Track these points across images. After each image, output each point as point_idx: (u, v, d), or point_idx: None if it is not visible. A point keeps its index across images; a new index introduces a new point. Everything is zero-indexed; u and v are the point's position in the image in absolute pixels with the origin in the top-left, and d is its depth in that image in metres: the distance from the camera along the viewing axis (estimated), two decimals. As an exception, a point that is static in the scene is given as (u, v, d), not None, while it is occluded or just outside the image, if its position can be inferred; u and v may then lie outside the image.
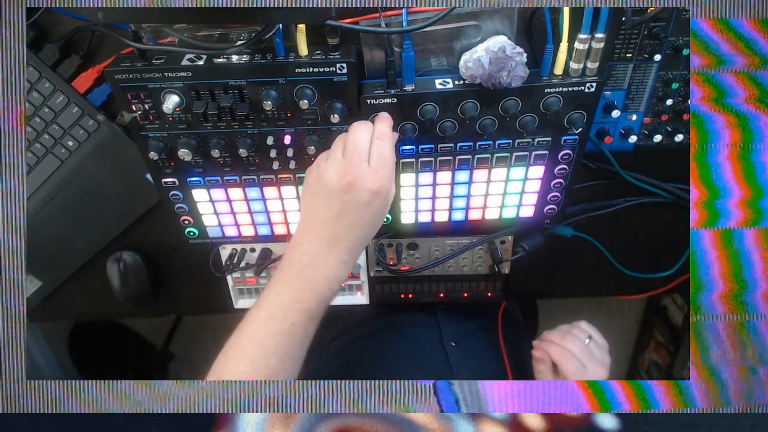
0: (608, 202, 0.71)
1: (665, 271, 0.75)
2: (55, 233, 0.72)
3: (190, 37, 0.50)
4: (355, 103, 0.53)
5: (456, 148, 0.57)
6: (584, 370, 0.62)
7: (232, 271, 0.74)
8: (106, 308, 0.83)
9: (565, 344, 0.64)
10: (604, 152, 0.64)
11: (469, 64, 0.51)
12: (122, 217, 0.72)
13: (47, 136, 0.64)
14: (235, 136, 0.56)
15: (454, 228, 0.67)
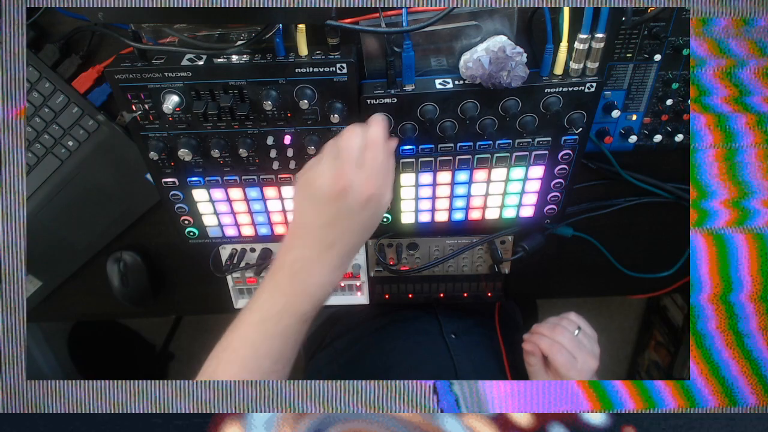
0: (608, 202, 0.71)
1: (665, 271, 0.75)
2: (55, 233, 0.72)
3: (190, 37, 0.50)
4: (355, 103, 0.53)
5: (456, 148, 0.57)
6: (574, 361, 0.63)
7: (232, 271, 0.74)
8: (106, 308, 0.83)
9: (554, 336, 0.64)
10: (604, 152, 0.64)
11: (469, 64, 0.51)
12: (122, 217, 0.72)
13: (47, 136, 0.64)
14: (235, 136, 0.56)
15: (454, 228, 0.67)
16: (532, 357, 0.66)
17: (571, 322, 0.67)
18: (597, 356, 0.65)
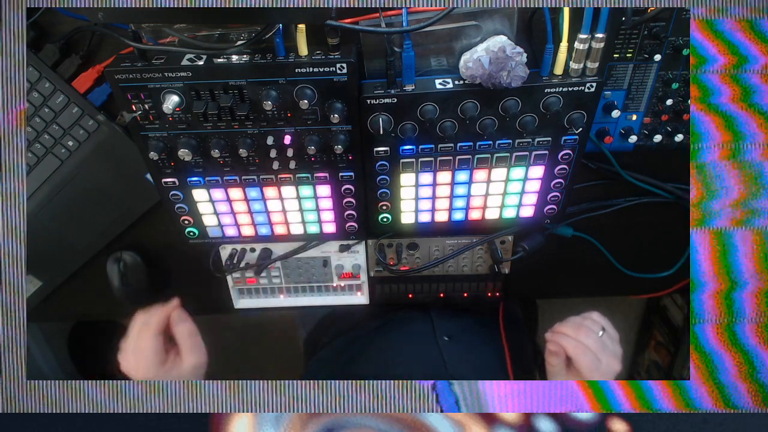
0: (608, 202, 0.71)
1: (665, 271, 0.75)
2: (55, 233, 0.72)
3: (190, 37, 0.50)
4: (355, 103, 0.53)
5: (456, 148, 0.57)
6: (599, 363, 0.61)
7: (232, 271, 0.74)
8: (106, 308, 0.83)
9: (579, 337, 0.63)
10: (604, 152, 0.64)
11: (469, 64, 0.51)
12: (122, 217, 0.72)
13: (47, 136, 0.64)
14: (235, 136, 0.56)
15: (454, 228, 0.67)
16: (555, 357, 0.64)
17: (595, 323, 0.65)
18: (620, 358, 0.64)
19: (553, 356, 0.65)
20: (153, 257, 0.77)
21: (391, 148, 0.57)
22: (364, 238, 0.72)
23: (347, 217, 0.65)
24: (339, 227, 0.66)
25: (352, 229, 0.66)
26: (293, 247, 0.73)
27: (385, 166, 0.59)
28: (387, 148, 0.57)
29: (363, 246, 0.74)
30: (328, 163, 0.59)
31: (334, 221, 0.65)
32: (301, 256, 0.74)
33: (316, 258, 0.75)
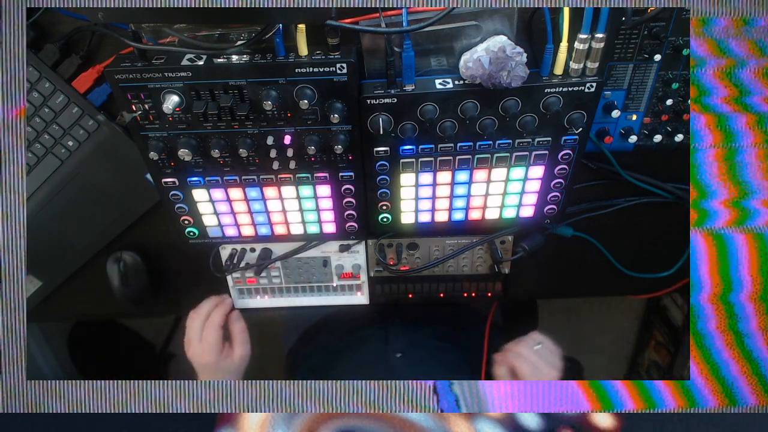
0: (608, 202, 0.71)
1: (665, 271, 0.75)
2: (55, 233, 0.72)
3: (190, 37, 0.50)
4: (355, 103, 0.53)
5: (456, 148, 0.57)
6: (536, 370, 0.69)
7: (232, 271, 0.74)
8: (106, 308, 0.83)
9: (518, 349, 0.71)
10: (604, 152, 0.64)
11: (469, 64, 0.51)
12: (122, 217, 0.72)
13: (47, 136, 0.64)
14: (235, 136, 0.56)
15: (454, 228, 0.67)
16: (501, 368, 0.72)
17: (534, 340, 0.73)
18: (558, 369, 0.70)
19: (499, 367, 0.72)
20: (153, 257, 0.77)
21: (391, 148, 0.57)
22: (364, 238, 0.72)
23: (347, 217, 0.65)
24: (339, 227, 0.66)
25: (352, 229, 0.66)
26: (293, 247, 0.73)
27: (385, 166, 0.59)
28: (387, 148, 0.57)
29: (363, 246, 0.74)
30: (328, 163, 0.59)
31: (334, 221, 0.65)
32: (301, 256, 0.74)
33: (316, 258, 0.75)
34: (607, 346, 1.55)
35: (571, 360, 1.07)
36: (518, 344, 0.72)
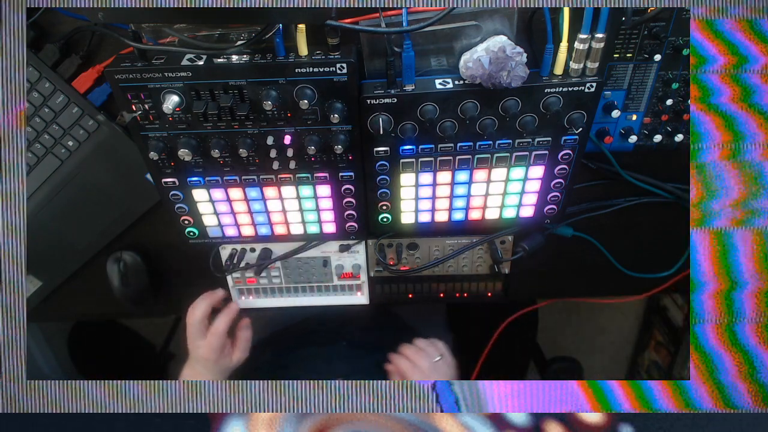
0: (608, 202, 0.71)
1: (665, 271, 0.75)
2: (55, 233, 0.72)
3: (190, 37, 0.50)
4: (355, 103, 0.53)
5: (456, 148, 0.57)
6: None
7: (232, 271, 0.74)
8: (106, 308, 0.83)
9: (416, 361, 0.73)
10: (604, 152, 0.64)
11: (469, 64, 0.51)
12: (122, 217, 0.72)
13: (47, 136, 0.64)
14: (235, 136, 0.56)
15: (454, 228, 0.67)
16: (394, 376, 0.74)
17: (436, 350, 0.75)
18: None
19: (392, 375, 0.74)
20: (153, 257, 0.77)
21: (391, 148, 0.57)
22: (364, 238, 0.72)
23: (347, 217, 0.65)
24: (339, 227, 0.66)
25: (352, 229, 0.66)
26: (293, 247, 0.73)
27: (385, 166, 0.59)
28: (387, 148, 0.57)
29: (363, 246, 0.74)
30: (328, 163, 0.59)
31: (334, 221, 0.65)
32: (301, 256, 0.74)
33: (316, 258, 0.75)
34: (607, 346, 1.56)
35: (572, 360, 1.07)
36: (416, 353, 0.74)
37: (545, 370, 1.08)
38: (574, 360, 1.07)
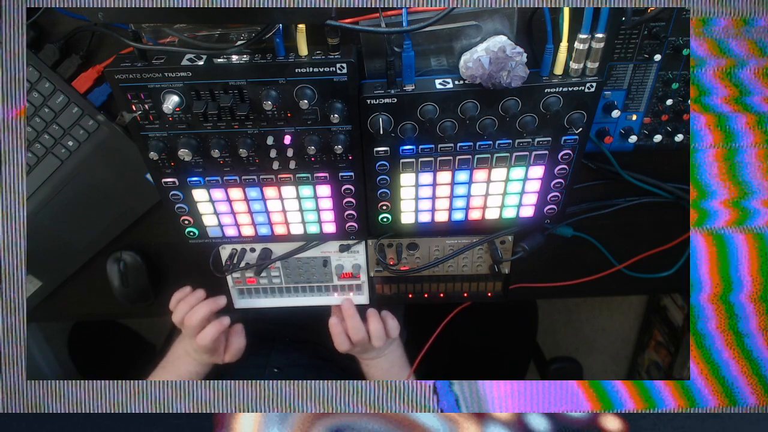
0: (608, 202, 0.71)
1: (665, 271, 0.75)
2: (55, 233, 0.72)
3: (190, 37, 0.50)
4: (355, 103, 0.53)
5: (456, 148, 0.57)
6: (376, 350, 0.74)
7: (232, 271, 0.74)
8: (106, 308, 0.83)
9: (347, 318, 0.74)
10: (604, 152, 0.64)
11: (469, 64, 0.51)
12: (122, 217, 0.72)
13: (47, 136, 0.64)
14: (235, 136, 0.56)
15: (454, 228, 0.67)
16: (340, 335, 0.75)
17: (395, 328, 0.76)
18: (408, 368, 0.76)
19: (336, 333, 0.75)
20: (153, 257, 0.77)
21: (391, 148, 0.57)
22: (364, 238, 0.72)
23: (347, 217, 0.65)
24: (339, 227, 0.66)
25: (352, 229, 0.66)
26: (293, 247, 0.73)
27: (385, 166, 0.59)
28: (387, 148, 0.57)
29: (363, 246, 0.74)
30: (328, 163, 0.59)
31: (334, 221, 0.65)
32: (301, 256, 0.74)
33: (316, 258, 0.75)
34: (607, 346, 1.56)
35: (572, 360, 1.07)
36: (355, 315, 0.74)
37: (545, 370, 1.08)
38: (574, 360, 1.07)
